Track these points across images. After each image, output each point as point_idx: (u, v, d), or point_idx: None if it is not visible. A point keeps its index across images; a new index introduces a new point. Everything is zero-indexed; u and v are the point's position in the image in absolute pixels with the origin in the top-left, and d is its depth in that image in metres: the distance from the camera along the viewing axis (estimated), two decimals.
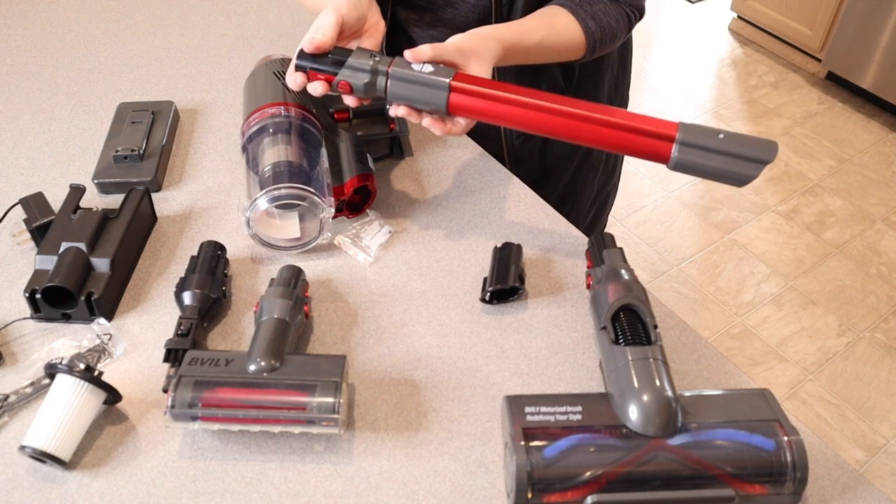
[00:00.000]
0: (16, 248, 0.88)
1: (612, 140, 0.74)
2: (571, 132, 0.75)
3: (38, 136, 1.04)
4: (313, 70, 0.79)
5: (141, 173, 0.94)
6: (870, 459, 1.81)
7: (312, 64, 0.79)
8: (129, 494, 0.67)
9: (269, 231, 0.87)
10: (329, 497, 0.67)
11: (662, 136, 0.73)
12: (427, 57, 0.75)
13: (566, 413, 0.65)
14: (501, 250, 0.85)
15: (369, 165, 0.91)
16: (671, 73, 3.00)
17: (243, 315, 0.81)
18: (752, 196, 2.48)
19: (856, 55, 2.70)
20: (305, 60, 0.79)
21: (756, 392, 0.69)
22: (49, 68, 1.16)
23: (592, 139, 0.75)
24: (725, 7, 3.23)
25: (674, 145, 0.72)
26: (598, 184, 1.20)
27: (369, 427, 0.72)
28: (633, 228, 2.37)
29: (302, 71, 0.79)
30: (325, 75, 0.78)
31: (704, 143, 0.72)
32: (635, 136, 0.73)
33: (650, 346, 0.69)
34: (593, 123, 0.74)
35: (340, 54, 0.78)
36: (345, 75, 0.77)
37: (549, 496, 0.62)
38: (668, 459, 0.63)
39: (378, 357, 0.77)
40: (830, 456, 0.70)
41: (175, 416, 0.67)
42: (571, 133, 0.75)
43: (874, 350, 2.04)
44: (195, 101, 1.10)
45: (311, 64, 0.79)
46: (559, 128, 0.75)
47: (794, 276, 2.23)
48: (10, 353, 0.77)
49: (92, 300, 0.78)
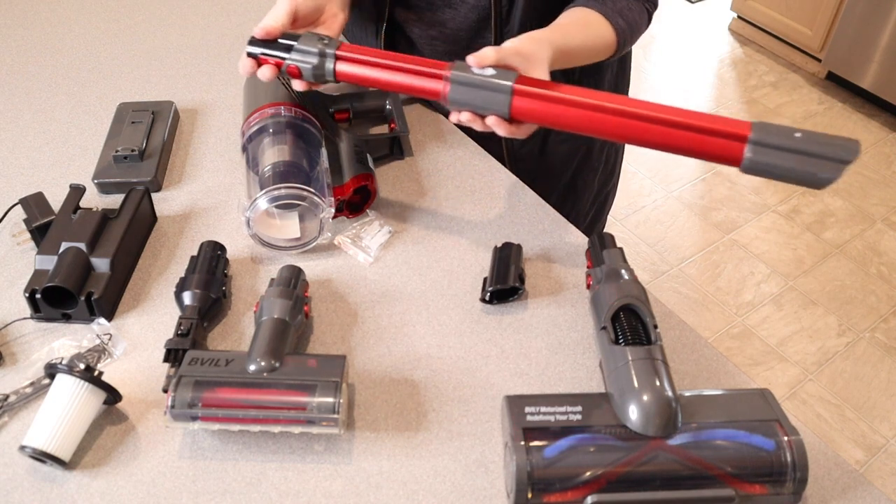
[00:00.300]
0: (16, 248, 0.88)
1: (682, 142, 0.70)
2: (639, 135, 0.72)
3: (38, 136, 1.04)
4: (264, 56, 0.79)
5: (141, 173, 0.94)
6: (870, 459, 1.81)
7: (262, 49, 0.79)
8: (129, 494, 0.67)
9: (269, 231, 0.87)
10: (329, 497, 0.67)
11: (734, 135, 0.68)
12: (491, 61, 0.73)
13: (566, 413, 0.65)
14: (501, 250, 0.85)
15: (369, 165, 0.91)
16: (671, 73, 3.00)
17: (243, 315, 0.81)
18: (752, 196, 2.48)
19: (856, 55, 2.70)
20: (255, 46, 0.79)
21: (756, 392, 0.69)
22: (49, 68, 1.16)
23: (661, 141, 0.71)
24: (725, 7, 3.23)
25: (746, 146, 0.68)
26: (598, 184, 1.20)
27: (369, 427, 0.72)
28: (633, 228, 2.37)
29: (253, 58, 0.79)
30: (274, 60, 0.78)
31: (780, 143, 0.67)
32: (705, 137, 0.69)
33: (650, 346, 0.69)
34: (662, 125, 0.70)
35: (290, 39, 0.78)
36: (293, 59, 0.77)
37: (549, 496, 0.62)
38: (668, 459, 0.63)
39: (378, 357, 0.77)
40: (830, 456, 0.70)
41: (175, 416, 0.67)
42: (639, 136, 0.72)
43: (874, 350, 2.04)
44: (195, 101, 1.10)
45: (260, 49, 0.79)
46: (627, 130, 0.72)
47: (794, 276, 2.23)
48: (10, 353, 0.77)
49: (92, 300, 0.78)
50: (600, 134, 0.73)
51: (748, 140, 0.68)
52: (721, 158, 0.70)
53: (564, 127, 0.74)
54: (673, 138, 0.70)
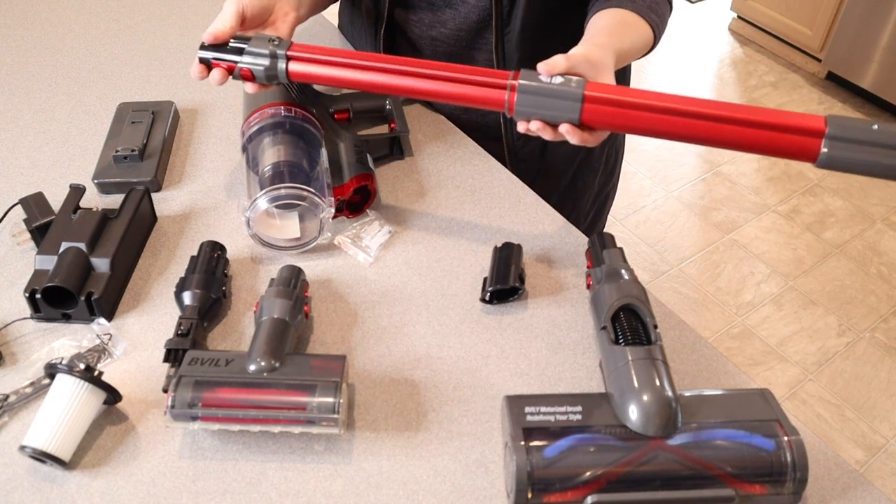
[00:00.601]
0: (16, 248, 0.88)
1: (757, 140, 0.70)
2: (713, 135, 0.71)
3: (38, 136, 1.04)
4: (215, 60, 0.78)
5: (141, 173, 0.94)
6: (870, 459, 1.81)
7: (214, 54, 0.78)
8: (129, 494, 0.67)
9: (269, 231, 0.87)
10: (329, 497, 0.67)
11: (810, 131, 0.68)
12: (562, 69, 0.72)
13: (566, 413, 0.65)
14: (501, 250, 0.85)
15: (369, 165, 0.91)
16: (671, 73, 3.00)
17: (243, 315, 0.81)
18: (752, 196, 2.48)
19: (856, 55, 2.70)
20: (206, 51, 0.79)
21: (756, 392, 0.69)
22: (49, 68, 1.16)
23: (735, 141, 0.71)
24: (725, 7, 3.23)
25: (823, 140, 0.68)
26: (599, 184, 1.20)
27: (369, 427, 0.72)
28: (633, 228, 2.37)
29: (205, 64, 0.79)
30: (226, 64, 0.78)
31: (857, 137, 0.67)
32: (780, 134, 0.69)
33: (650, 346, 0.69)
34: (736, 124, 0.70)
35: (241, 42, 0.78)
36: (244, 62, 0.77)
37: (549, 496, 0.62)
38: (668, 459, 0.63)
39: (378, 357, 0.77)
40: (830, 456, 0.70)
41: (175, 416, 0.67)
42: (713, 136, 0.71)
43: (874, 350, 2.04)
44: (195, 101, 1.10)
45: (212, 54, 0.79)
46: (700, 131, 0.71)
47: (794, 276, 2.23)
48: (10, 353, 0.77)
49: (92, 300, 0.78)
50: (672, 136, 0.73)
51: (825, 135, 0.68)
52: (797, 155, 0.70)
53: (637, 131, 0.73)
54: (748, 137, 0.70)
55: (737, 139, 0.71)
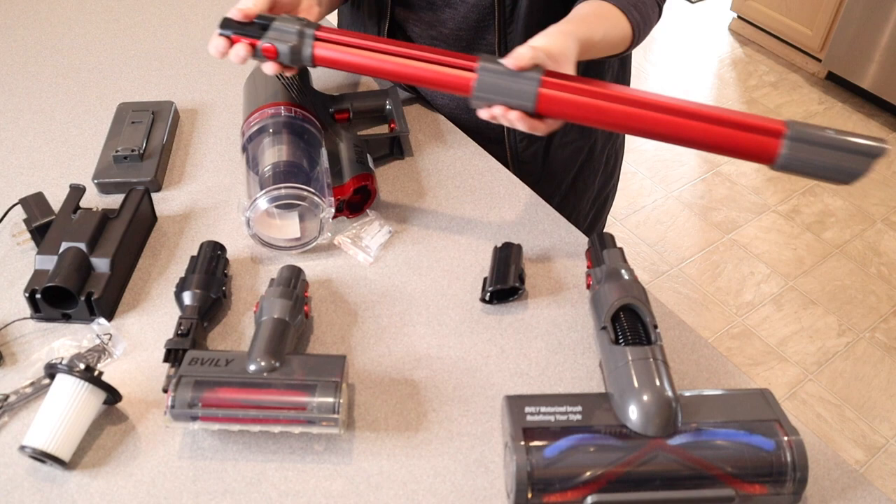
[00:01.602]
0: (16, 248, 0.88)
1: (717, 138, 0.70)
2: (671, 130, 0.70)
3: (38, 136, 1.04)
4: (237, 35, 0.76)
5: (141, 173, 0.94)
6: (870, 459, 1.81)
7: (237, 29, 0.76)
8: (129, 494, 0.67)
9: (269, 231, 0.87)
10: (329, 497, 0.67)
11: (770, 131, 0.68)
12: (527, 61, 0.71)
13: (566, 413, 0.65)
14: (501, 250, 0.85)
15: (369, 165, 0.91)
16: (671, 73, 3.00)
17: (243, 315, 0.81)
18: (752, 196, 2.48)
19: (856, 55, 2.70)
20: (229, 27, 0.76)
21: (756, 392, 0.69)
22: (49, 68, 1.16)
23: (695, 137, 0.70)
24: (725, 7, 3.23)
25: (782, 141, 0.68)
26: (599, 185, 1.20)
27: (369, 427, 0.72)
28: (633, 228, 2.37)
29: (225, 38, 0.76)
30: (249, 39, 0.76)
31: (814, 139, 0.68)
32: (741, 132, 0.69)
33: (650, 346, 0.69)
34: (697, 119, 0.70)
35: (266, 20, 0.76)
36: (270, 37, 0.74)
37: (549, 496, 0.62)
38: (668, 459, 0.63)
39: (378, 357, 0.77)
40: (830, 456, 0.70)
41: (175, 416, 0.67)
42: (671, 131, 0.71)
43: (874, 350, 2.04)
44: (195, 101, 1.10)
45: (234, 29, 0.76)
46: (658, 126, 0.71)
47: (794, 276, 2.23)
48: (10, 353, 0.77)
49: (92, 300, 0.78)
50: (629, 129, 0.72)
51: (784, 136, 0.68)
52: (756, 155, 0.70)
53: (592, 122, 0.73)
54: (707, 134, 0.70)
55: (698, 136, 0.70)
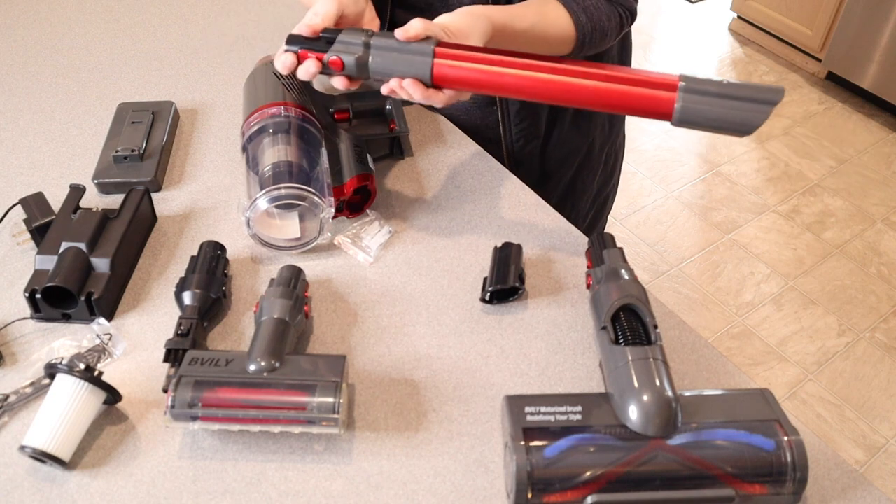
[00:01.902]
0: (16, 248, 0.88)
1: (613, 97, 0.70)
2: (568, 93, 0.71)
3: (38, 136, 1.04)
4: (304, 49, 0.76)
5: (141, 173, 0.94)
6: (870, 459, 1.81)
7: (303, 44, 0.76)
8: (129, 494, 0.67)
9: (269, 231, 0.87)
10: (329, 497, 0.67)
11: (665, 85, 0.69)
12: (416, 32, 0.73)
13: (566, 413, 0.65)
14: (501, 250, 0.85)
15: (369, 165, 0.91)
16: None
17: (243, 315, 0.81)
18: (752, 196, 2.48)
19: (856, 55, 2.70)
20: (296, 42, 0.77)
21: (756, 392, 0.69)
22: (49, 68, 1.16)
23: (591, 98, 0.71)
24: (725, 7, 3.23)
25: (678, 94, 0.68)
26: (598, 185, 1.20)
27: (369, 427, 0.72)
28: (633, 228, 2.37)
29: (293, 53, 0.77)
30: (316, 53, 0.76)
31: (709, 89, 0.68)
32: (636, 89, 0.70)
33: (650, 346, 0.69)
34: (591, 79, 0.70)
35: (332, 34, 0.76)
36: (336, 50, 0.75)
37: (549, 496, 0.62)
38: (668, 459, 0.63)
39: (378, 357, 0.77)
40: (830, 456, 0.70)
41: (175, 416, 0.67)
42: (568, 94, 0.71)
43: (874, 350, 2.04)
44: (195, 101, 1.10)
45: (301, 44, 0.76)
46: (555, 90, 0.71)
47: (794, 276, 2.23)
48: (10, 353, 0.77)
49: (92, 300, 0.78)
50: (529, 95, 0.73)
51: (679, 89, 0.69)
52: (654, 111, 0.70)
53: (490, 90, 0.74)
54: (605, 94, 0.70)
55: (594, 96, 0.71)
